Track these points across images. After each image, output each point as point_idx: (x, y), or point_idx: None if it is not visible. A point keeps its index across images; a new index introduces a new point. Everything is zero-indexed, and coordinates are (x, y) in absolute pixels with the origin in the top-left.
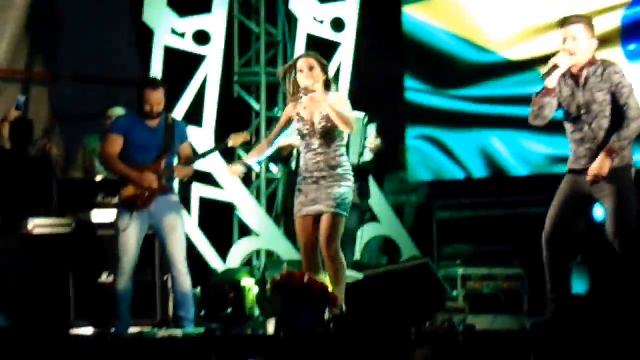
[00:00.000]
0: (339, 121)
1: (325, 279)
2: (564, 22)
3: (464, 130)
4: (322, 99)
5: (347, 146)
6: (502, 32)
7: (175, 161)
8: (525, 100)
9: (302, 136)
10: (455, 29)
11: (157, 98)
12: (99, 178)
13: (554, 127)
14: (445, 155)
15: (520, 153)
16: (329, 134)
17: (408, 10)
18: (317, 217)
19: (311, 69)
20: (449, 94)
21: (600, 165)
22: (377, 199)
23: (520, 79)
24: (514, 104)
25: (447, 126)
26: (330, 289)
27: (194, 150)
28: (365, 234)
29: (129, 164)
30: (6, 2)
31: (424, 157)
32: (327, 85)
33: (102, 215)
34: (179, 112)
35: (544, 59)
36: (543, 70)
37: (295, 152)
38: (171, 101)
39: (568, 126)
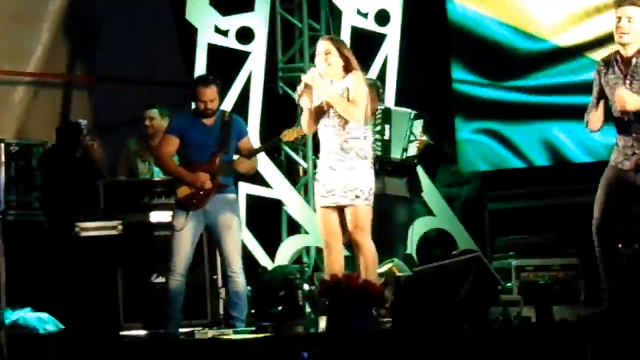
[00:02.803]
0: (341, 112)
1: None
2: (622, 1)
3: (521, 122)
4: (326, 87)
5: (390, 140)
6: (551, 18)
7: (235, 157)
8: (579, 88)
9: (319, 113)
10: (504, 17)
11: (209, 95)
12: (156, 178)
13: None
14: (505, 147)
15: (582, 142)
16: (341, 117)
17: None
18: (337, 208)
19: (327, 53)
20: (502, 85)
21: None
22: (430, 192)
23: (573, 66)
24: (569, 93)
25: (503, 118)
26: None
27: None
28: (420, 227)
29: (186, 163)
30: (39, 7)
31: (482, 150)
32: (347, 69)
33: (150, 216)
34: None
35: (596, 44)
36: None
37: None
38: None
39: (616, 114)
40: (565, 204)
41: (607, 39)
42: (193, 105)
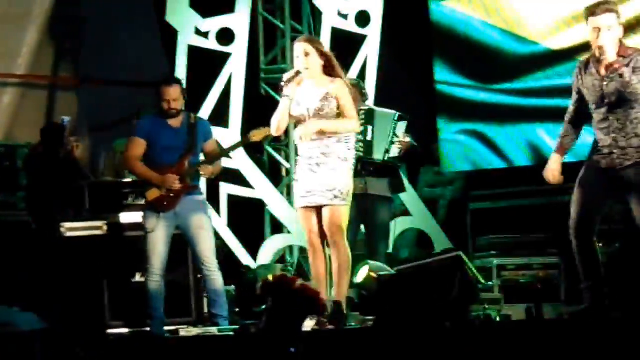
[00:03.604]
0: (343, 132)
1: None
2: (597, 10)
3: (507, 124)
4: (317, 125)
5: (372, 141)
6: (544, 21)
7: (201, 159)
8: (567, 91)
9: (297, 122)
10: (493, 19)
11: (173, 94)
12: (129, 180)
13: None
14: (489, 149)
15: None
16: (324, 118)
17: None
18: (316, 208)
19: (307, 54)
20: (489, 88)
21: None
22: (408, 192)
23: (563, 70)
24: (561, 96)
25: (489, 120)
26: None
27: (219, 147)
28: (398, 227)
29: (153, 165)
30: (25, 8)
31: (464, 151)
32: (327, 69)
33: (133, 216)
34: (205, 112)
35: (585, 48)
36: None
37: None
38: (197, 101)
39: (595, 115)
40: (546, 203)
41: None
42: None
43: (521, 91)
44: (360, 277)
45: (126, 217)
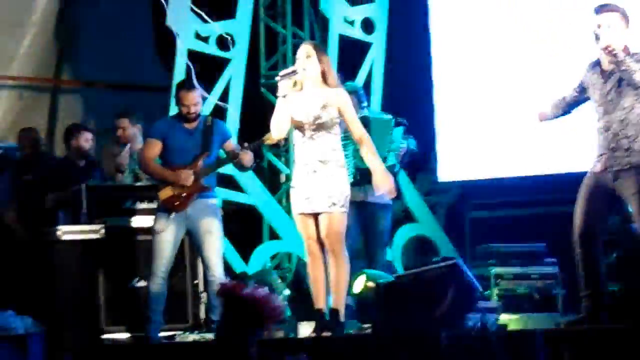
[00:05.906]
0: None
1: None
2: (600, 9)
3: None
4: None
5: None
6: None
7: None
8: None
9: (296, 126)
10: None
11: (192, 99)
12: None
13: None
14: (478, 155)
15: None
16: (323, 126)
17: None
18: (314, 215)
19: (308, 56)
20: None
21: None
22: (414, 200)
23: None
24: None
25: (479, 125)
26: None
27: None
28: (404, 234)
29: (168, 166)
30: (25, 13)
31: (456, 157)
32: (324, 77)
33: (132, 221)
34: None
35: None
36: None
37: None
38: None
39: (595, 115)
40: (545, 213)
41: None
42: (176, 110)
43: None
44: (357, 287)
45: (126, 221)
